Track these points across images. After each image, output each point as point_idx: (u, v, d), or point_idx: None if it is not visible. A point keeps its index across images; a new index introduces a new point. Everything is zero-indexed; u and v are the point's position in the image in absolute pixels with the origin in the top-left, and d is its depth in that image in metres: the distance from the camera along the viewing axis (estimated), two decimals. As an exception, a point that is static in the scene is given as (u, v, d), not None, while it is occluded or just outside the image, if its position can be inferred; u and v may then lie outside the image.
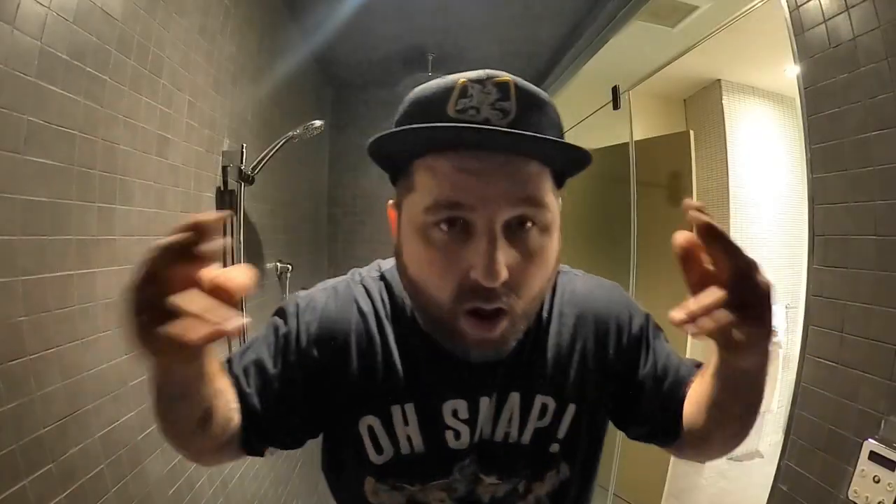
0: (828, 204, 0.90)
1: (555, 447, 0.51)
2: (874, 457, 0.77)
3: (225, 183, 1.35)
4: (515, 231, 0.40)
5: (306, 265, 2.34)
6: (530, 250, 0.41)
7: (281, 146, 1.51)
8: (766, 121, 2.74)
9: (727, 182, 2.61)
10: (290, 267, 1.91)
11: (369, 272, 0.55)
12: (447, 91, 0.40)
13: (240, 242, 1.41)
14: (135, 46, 0.91)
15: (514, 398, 0.50)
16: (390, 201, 0.48)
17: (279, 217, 1.92)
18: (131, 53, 0.90)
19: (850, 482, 0.81)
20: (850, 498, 0.80)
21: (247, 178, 1.39)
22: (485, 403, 0.49)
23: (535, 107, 0.40)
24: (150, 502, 0.96)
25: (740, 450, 2.76)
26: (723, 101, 2.63)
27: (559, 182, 0.45)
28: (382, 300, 0.52)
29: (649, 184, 2.12)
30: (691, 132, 2.06)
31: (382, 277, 0.54)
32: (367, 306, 0.51)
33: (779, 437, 2.67)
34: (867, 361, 0.81)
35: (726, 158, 2.62)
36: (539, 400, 0.50)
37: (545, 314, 0.53)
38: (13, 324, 0.66)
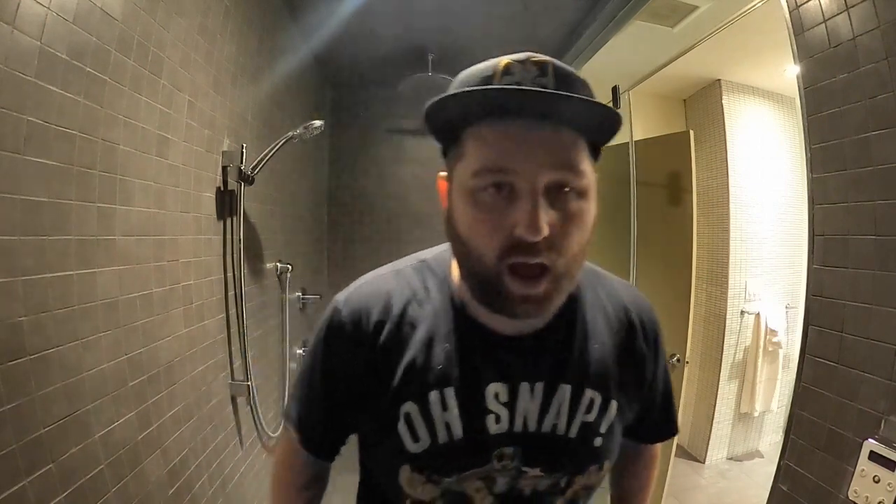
0: (828, 204, 0.90)
1: (598, 441, 0.53)
2: (874, 457, 0.77)
3: (225, 183, 1.35)
4: (555, 195, 0.44)
5: (306, 265, 2.34)
6: (569, 212, 0.44)
7: (281, 146, 1.51)
8: (766, 121, 2.73)
9: (727, 182, 2.61)
10: (290, 267, 1.91)
11: (410, 261, 0.59)
12: (492, 69, 0.45)
13: (240, 242, 1.41)
14: (135, 46, 0.91)
15: (565, 390, 0.52)
16: (441, 173, 0.52)
17: (279, 217, 1.91)
18: (131, 53, 0.91)
19: (850, 482, 0.81)
20: (850, 498, 0.80)
21: (247, 178, 1.39)
22: (525, 389, 0.51)
23: (570, 83, 0.44)
24: (149, 502, 0.96)
25: (740, 449, 2.76)
26: (723, 101, 2.62)
27: (595, 154, 0.49)
28: (424, 286, 0.55)
29: (649, 184, 2.11)
30: (691, 132, 2.05)
31: (423, 262, 0.58)
32: (405, 292, 0.54)
33: (779, 437, 2.68)
34: (867, 361, 0.81)
35: (726, 158, 2.61)
36: (588, 394, 0.53)
37: (588, 303, 0.57)
38: (13, 324, 0.66)
